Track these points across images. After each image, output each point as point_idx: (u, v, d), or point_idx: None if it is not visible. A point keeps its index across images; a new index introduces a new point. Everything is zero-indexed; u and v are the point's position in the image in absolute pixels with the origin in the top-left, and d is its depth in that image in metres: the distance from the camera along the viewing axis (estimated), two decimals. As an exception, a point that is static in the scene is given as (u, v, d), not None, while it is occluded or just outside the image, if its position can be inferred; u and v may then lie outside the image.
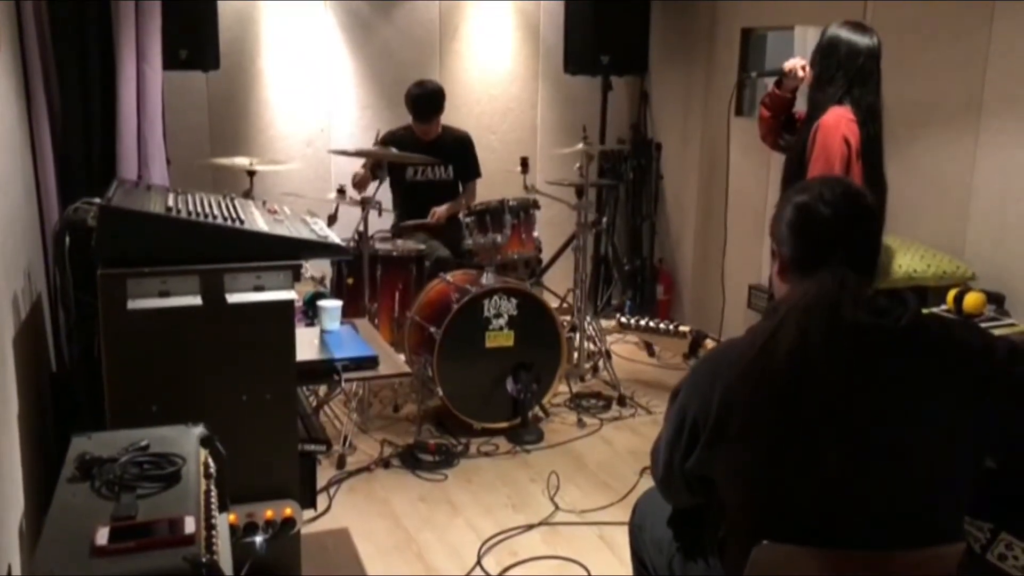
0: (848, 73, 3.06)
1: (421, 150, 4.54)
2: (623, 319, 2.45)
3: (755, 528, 1.58)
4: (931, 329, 1.62)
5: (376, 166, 4.46)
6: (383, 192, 4.37)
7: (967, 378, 1.59)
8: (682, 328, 2.35)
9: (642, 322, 2.41)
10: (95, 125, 3.41)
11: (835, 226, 1.67)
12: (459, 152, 4.87)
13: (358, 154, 4.44)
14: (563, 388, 4.48)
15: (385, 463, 3.85)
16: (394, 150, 4.35)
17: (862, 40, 3.07)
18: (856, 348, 1.56)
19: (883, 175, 3.10)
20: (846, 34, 3.08)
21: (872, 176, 3.04)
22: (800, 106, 3.41)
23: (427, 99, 4.67)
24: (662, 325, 2.37)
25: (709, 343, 2.32)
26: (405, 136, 4.68)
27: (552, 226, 5.32)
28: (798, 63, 3.29)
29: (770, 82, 3.50)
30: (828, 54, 3.11)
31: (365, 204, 4.15)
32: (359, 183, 4.63)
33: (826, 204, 1.67)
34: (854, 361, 1.55)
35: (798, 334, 1.56)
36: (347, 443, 3.91)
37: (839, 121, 3.03)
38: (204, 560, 1.35)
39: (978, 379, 1.59)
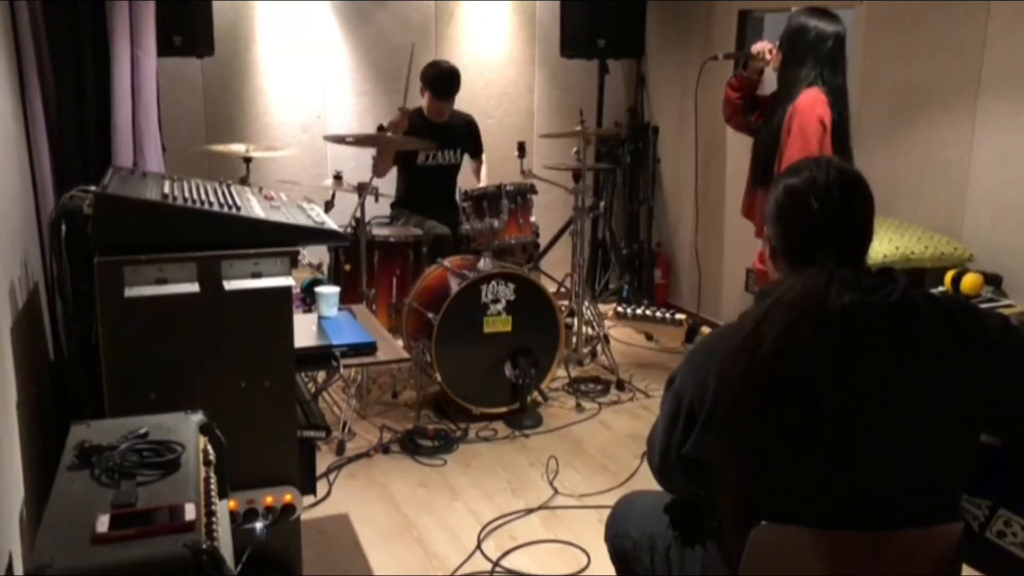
0: (818, 57, 3.17)
1: (433, 133, 4.53)
2: (619, 309, 2.45)
3: (751, 511, 1.58)
4: (922, 305, 1.61)
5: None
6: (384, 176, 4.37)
7: (960, 354, 1.59)
8: (678, 316, 2.34)
9: (638, 311, 2.40)
10: (90, 112, 3.39)
11: (824, 219, 1.64)
12: (468, 134, 4.87)
13: (354, 142, 4.42)
14: (561, 373, 4.49)
15: (384, 449, 3.86)
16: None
17: (830, 27, 3.19)
18: (845, 331, 1.54)
19: (851, 156, 3.20)
20: (814, 21, 3.21)
21: (840, 157, 3.11)
22: (765, 89, 3.52)
23: (450, 76, 4.66)
24: (658, 314, 2.36)
25: (705, 331, 2.31)
26: (416, 120, 4.66)
27: (549, 211, 5.32)
28: (766, 46, 3.42)
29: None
30: (796, 38, 3.23)
31: (362, 190, 4.14)
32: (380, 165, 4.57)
33: (817, 193, 1.65)
34: (844, 345, 1.55)
35: (783, 328, 1.55)
36: (346, 429, 3.92)
37: (814, 103, 3.12)
38: (205, 546, 1.35)
39: (971, 354, 1.59)
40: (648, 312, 2.38)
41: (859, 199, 1.69)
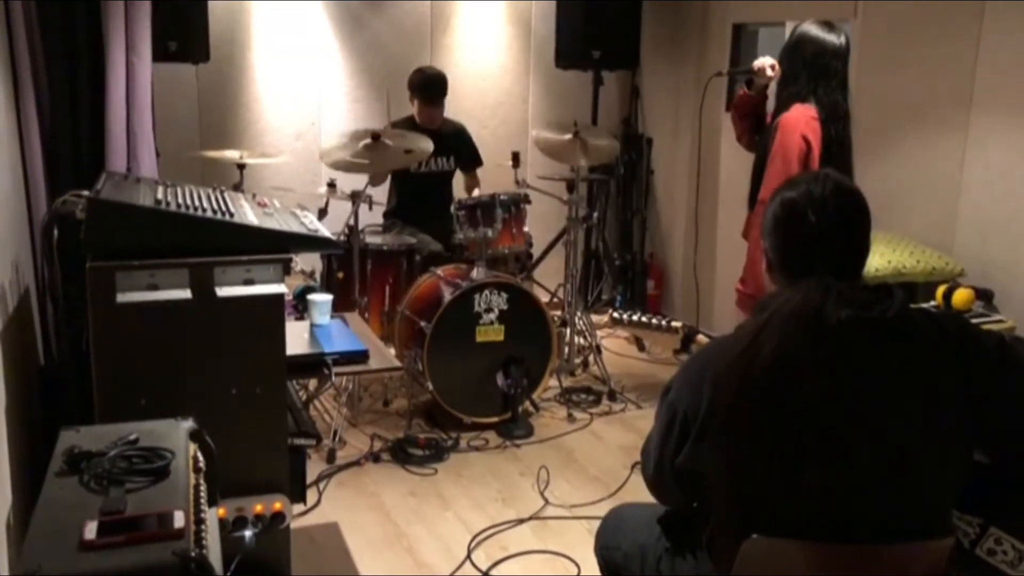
0: (812, 71, 3.10)
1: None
2: (615, 314, 2.45)
3: (743, 522, 1.58)
4: (919, 322, 1.61)
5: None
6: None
7: (955, 370, 1.59)
8: (674, 324, 2.34)
9: (634, 317, 2.41)
10: (84, 117, 3.38)
11: (821, 233, 1.65)
12: (459, 142, 4.88)
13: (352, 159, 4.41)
14: (553, 383, 4.49)
15: (375, 457, 3.84)
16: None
17: (828, 38, 3.11)
18: (841, 347, 1.54)
19: (850, 175, 3.11)
20: (813, 32, 3.12)
21: None
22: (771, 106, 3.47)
23: (436, 81, 4.67)
24: (654, 320, 2.36)
25: (701, 339, 2.31)
26: (407, 129, 4.66)
27: (543, 221, 5.32)
28: (767, 62, 3.32)
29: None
30: (794, 52, 3.15)
31: (355, 198, 4.14)
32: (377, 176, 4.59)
33: (814, 207, 1.65)
34: (839, 360, 1.54)
35: (780, 340, 1.54)
36: (337, 437, 3.91)
37: (799, 119, 3.06)
38: (193, 554, 1.34)
39: (966, 372, 1.59)
40: (644, 319, 2.38)
41: (856, 213, 1.69)
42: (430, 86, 4.65)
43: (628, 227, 6.01)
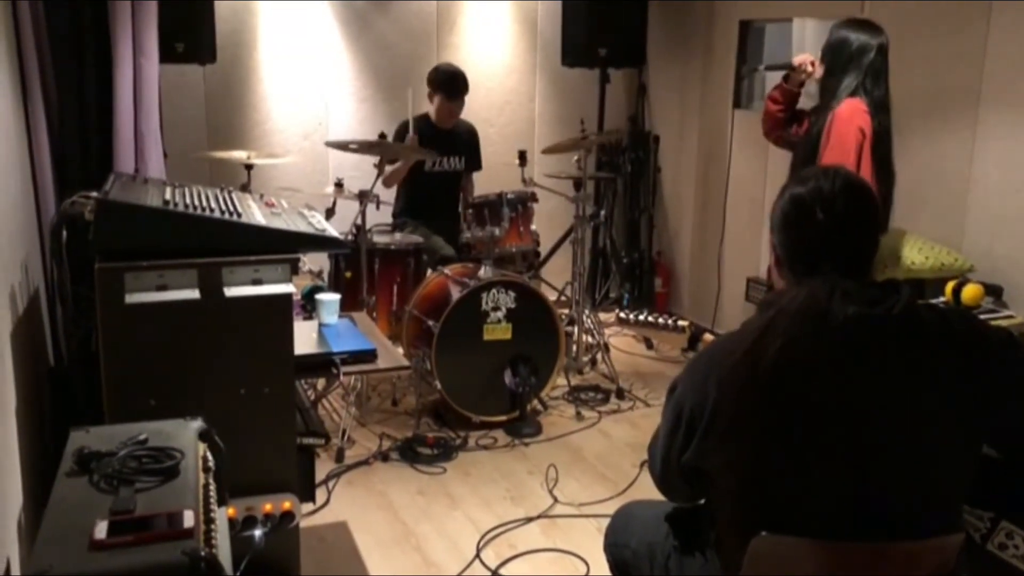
0: (860, 68, 3.17)
1: (438, 140, 4.54)
2: (622, 315, 2.45)
3: (751, 521, 1.58)
4: (925, 318, 1.60)
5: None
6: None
7: (962, 367, 1.58)
8: (681, 323, 2.34)
9: (641, 317, 2.40)
10: (92, 118, 3.40)
11: (828, 231, 1.63)
12: (471, 144, 4.90)
13: (356, 149, 4.43)
14: (561, 381, 4.48)
15: (383, 456, 3.85)
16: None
17: (873, 39, 3.19)
18: (847, 344, 1.54)
19: (892, 166, 3.22)
20: (856, 33, 3.20)
21: (882, 167, 3.17)
22: (804, 103, 3.49)
23: (459, 76, 4.69)
24: (661, 320, 2.36)
25: (708, 337, 2.31)
26: (423, 126, 4.66)
27: (550, 219, 5.31)
28: (807, 58, 3.39)
29: (771, 76, 3.54)
30: (839, 50, 3.22)
31: (363, 198, 4.14)
32: (393, 177, 4.61)
33: (823, 204, 1.63)
34: (845, 358, 1.54)
35: (785, 341, 1.54)
36: (345, 436, 3.91)
37: (854, 112, 3.13)
38: (203, 554, 1.35)
39: (974, 368, 1.58)
40: (651, 318, 2.37)
41: (864, 211, 1.67)
42: (454, 81, 4.66)
43: (635, 225, 6.00)
